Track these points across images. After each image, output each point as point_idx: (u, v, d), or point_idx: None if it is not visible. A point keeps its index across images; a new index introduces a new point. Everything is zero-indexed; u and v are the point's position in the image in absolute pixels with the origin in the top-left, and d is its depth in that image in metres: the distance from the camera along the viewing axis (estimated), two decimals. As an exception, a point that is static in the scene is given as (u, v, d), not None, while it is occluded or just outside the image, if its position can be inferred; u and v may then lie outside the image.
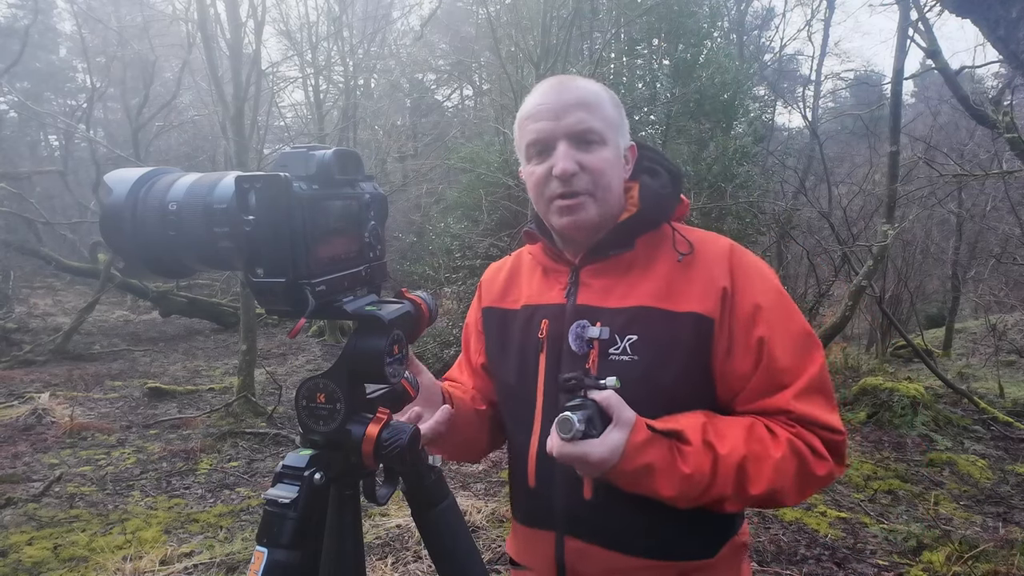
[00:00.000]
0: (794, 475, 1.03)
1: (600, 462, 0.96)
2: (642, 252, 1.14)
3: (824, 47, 15.30)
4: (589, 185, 1.09)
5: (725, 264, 1.09)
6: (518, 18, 8.47)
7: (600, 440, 0.96)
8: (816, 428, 1.05)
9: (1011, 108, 6.13)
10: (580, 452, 0.95)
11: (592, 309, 1.12)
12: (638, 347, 1.07)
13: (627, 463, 0.97)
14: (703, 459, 0.99)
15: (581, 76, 1.20)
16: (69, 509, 4.11)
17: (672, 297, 1.08)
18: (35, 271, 15.00)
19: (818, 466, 1.04)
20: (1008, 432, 5.75)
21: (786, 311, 1.08)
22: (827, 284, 8.59)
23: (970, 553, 3.31)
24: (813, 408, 1.05)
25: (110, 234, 0.83)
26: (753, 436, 1.03)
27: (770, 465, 1.01)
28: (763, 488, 1.01)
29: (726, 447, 1.00)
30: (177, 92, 12.84)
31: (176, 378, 8.15)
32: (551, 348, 1.15)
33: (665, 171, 1.18)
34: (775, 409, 1.05)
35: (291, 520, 0.84)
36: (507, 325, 1.25)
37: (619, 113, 1.15)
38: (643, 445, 0.97)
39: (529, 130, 1.12)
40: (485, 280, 1.36)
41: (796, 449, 1.03)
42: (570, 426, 0.94)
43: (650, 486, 1.00)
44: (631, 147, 1.17)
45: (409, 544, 3.50)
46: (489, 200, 9.54)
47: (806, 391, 1.05)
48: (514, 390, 1.21)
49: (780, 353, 1.05)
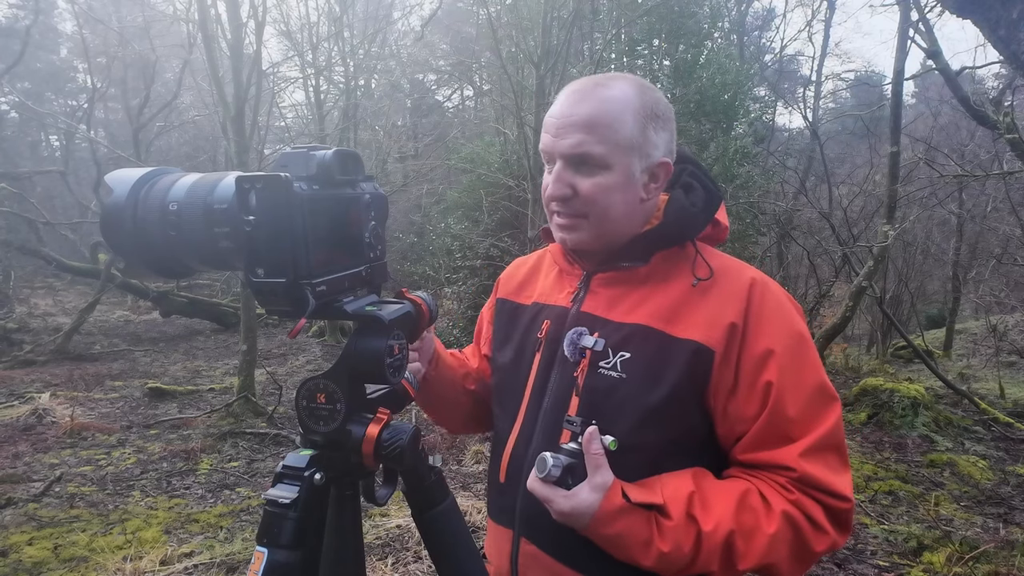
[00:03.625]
0: (789, 550, 0.96)
1: (560, 514, 0.95)
2: (658, 268, 1.08)
3: (825, 48, 15.32)
4: (582, 208, 1.05)
5: (742, 299, 1.02)
6: (519, 19, 8.47)
7: (568, 494, 0.94)
8: (820, 494, 0.97)
9: (1012, 109, 6.13)
10: (546, 495, 0.95)
11: (593, 318, 1.09)
12: (628, 366, 1.03)
13: (599, 528, 0.94)
14: (684, 535, 0.93)
15: (620, 76, 1.08)
16: (69, 509, 4.11)
17: (675, 321, 1.03)
18: (36, 271, 15.01)
19: (816, 541, 0.97)
20: (1009, 433, 5.75)
21: (803, 360, 1.00)
22: (827, 285, 8.59)
23: (971, 554, 3.31)
24: (820, 470, 0.97)
25: (111, 234, 0.83)
26: (745, 507, 0.96)
27: (762, 541, 0.94)
28: (753, 563, 0.95)
29: (711, 522, 0.94)
30: (178, 92, 12.85)
31: (176, 378, 8.15)
32: (547, 350, 1.14)
33: (702, 188, 1.11)
34: (778, 464, 0.98)
35: (291, 520, 0.84)
36: (516, 319, 1.24)
37: (645, 128, 1.04)
38: (616, 514, 0.94)
39: (542, 138, 1.09)
40: (506, 273, 1.35)
41: (793, 522, 0.95)
42: (544, 466, 0.94)
43: (626, 555, 0.96)
44: (662, 163, 1.07)
45: (409, 544, 3.50)
46: (489, 200, 9.55)
47: (815, 449, 0.97)
48: (506, 384, 1.21)
49: (790, 402, 0.97)
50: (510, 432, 1.15)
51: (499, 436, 1.20)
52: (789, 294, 1.11)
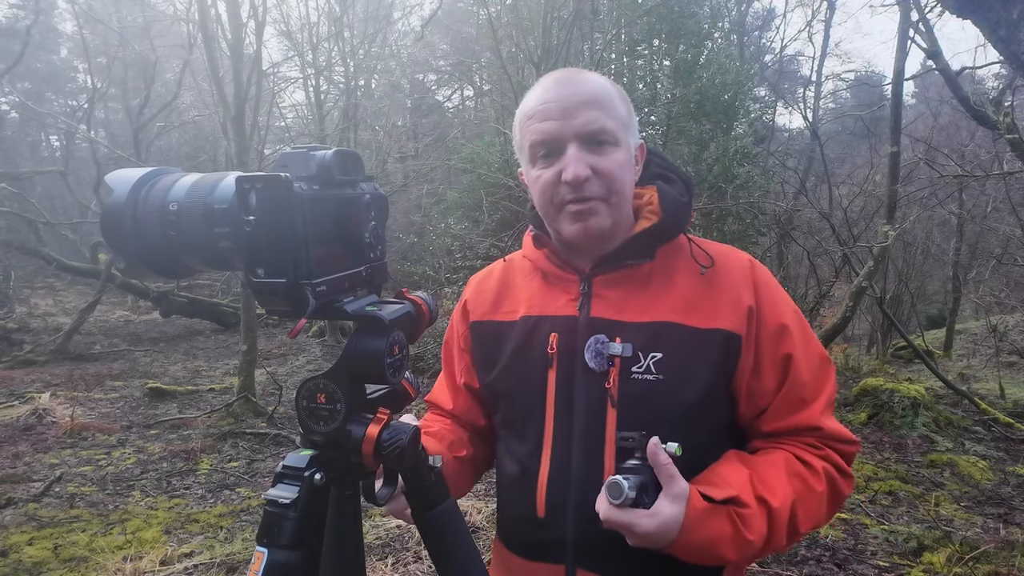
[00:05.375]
0: (830, 501, 1.04)
1: (646, 535, 0.90)
2: (660, 264, 1.07)
3: (825, 48, 15.29)
4: (602, 190, 1.01)
5: (749, 281, 1.05)
6: (519, 19, 8.47)
7: (650, 512, 0.90)
8: (838, 443, 1.05)
9: (1012, 109, 6.13)
10: (627, 521, 0.90)
11: (610, 323, 1.04)
12: (662, 365, 1.01)
13: (689, 537, 0.91)
14: (761, 519, 0.95)
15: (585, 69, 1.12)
16: (69, 509, 4.11)
17: (696, 313, 1.03)
18: (36, 271, 15.03)
19: (846, 485, 1.06)
20: (1009, 433, 5.75)
21: (806, 328, 1.08)
22: (828, 285, 8.60)
23: (971, 554, 3.31)
24: (834, 423, 1.06)
25: (111, 234, 0.83)
26: (793, 473, 1.00)
27: (815, 501, 1.00)
28: (810, 526, 1.00)
29: (778, 499, 0.96)
30: (178, 92, 12.86)
31: (176, 378, 8.16)
32: (562, 365, 1.06)
33: (678, 178, 1.13)
34: (806, 426, 1.04)
35: (291, 520, 0.84)
36: (501, 339, 1.14)
37: (629, 109, 1.07)
38: (702, 518, 0.92)
39: (533, 130, 1.03)
40: (470, 293, 1.25)
41: (830, 475, 1.03)
42: (620, 491, 0.89)
43: (715, 555, 0.94)
44: (640, 146, 1.09)
45: (409, 544, 3.50)
46: (490, 201, 9.54)
47: (827, 406, 1.06)
48: (517, 410, 1.12)
49: (804, 369, 1.04)
50: (539, 461, 1.07)
51: (523, 467, 1.10)
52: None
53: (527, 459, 1.09)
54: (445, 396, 1.28)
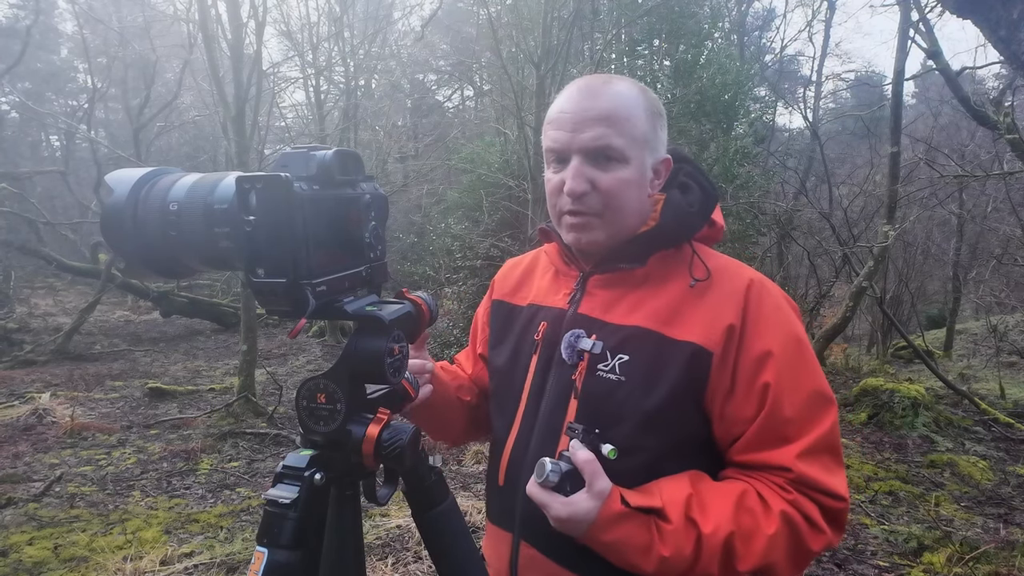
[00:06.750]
0: (787, 550, 0.96)
1: (558, 520, 0.94)
2: (655, 270, 1.08)
3: (825, 48, 15.30)
4: (599, 206, 1.04)
5: (739, 300, 1.02)
6: (519, 19, 8.46)
7: (566, 500, 0.94)
8: (817, 494, 0.97)
9: (1012, 109, 6.13)
10: (544, 501, 0.95)
11: (591, 320, 1.09)
12: (626, 368, 1.03)
13: (600, 534, 0.94)
14: (684, 539, 0.93)
15: (620, 77, 1.10)
16: (69, 509, 4.11)
17: (674, 323, 1.03)
18: (36, 271, 15.02)
19: (813, 540, 0.97)
20: (1009, 433, 5.75)
21: (800, 362, 1.01)
22: (828, 285, 8.60)
23: (971, 554, 3.31)
24: (817, 471, 0.97)
25: (111, 234, 0.83)
26: (743, 508, 0.96)
27: (761, 541, 0.94)
28: (753, 565, 0.95)
29: (710, 524, 0.93)
30: (178, 92, 12.85)
31: (177, 378, 8.16)
32: (544, 352, 1.13)
33: (699, 188, 1.12)
34: (776, 465, 0.98)
35: (291, 520, 0.84)
36: (511, 320, 1.24)
37: (654, 125, 1.06)
38: (615, 520, 0.93)
39: (549, 136, 1.07)
40: (500, 274, 1.35)
41: (791, 522, 0.96)
42: (543, 472, 0.94)
43: (627, 561, 0.95)
44: (664, 160, 1.10)
45: (409, 544, 3.50)
46: (490, 201, 9.55)
47: (812, 450, 0.97)
48: (503, 386, 1.20)
49: (787, 404, 0.98)
50: (508, 435, 1.15)
51: (497, 439, 1.20)
52: (787, 295, 1.10)
53: (500, 431, 1.18)
54: (468, 361, 1.39)
